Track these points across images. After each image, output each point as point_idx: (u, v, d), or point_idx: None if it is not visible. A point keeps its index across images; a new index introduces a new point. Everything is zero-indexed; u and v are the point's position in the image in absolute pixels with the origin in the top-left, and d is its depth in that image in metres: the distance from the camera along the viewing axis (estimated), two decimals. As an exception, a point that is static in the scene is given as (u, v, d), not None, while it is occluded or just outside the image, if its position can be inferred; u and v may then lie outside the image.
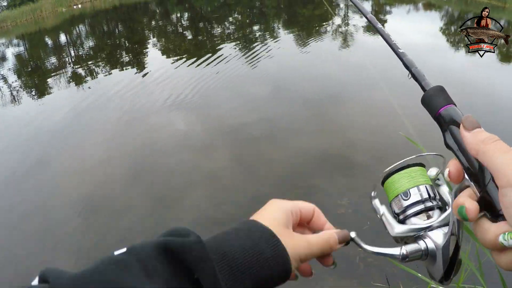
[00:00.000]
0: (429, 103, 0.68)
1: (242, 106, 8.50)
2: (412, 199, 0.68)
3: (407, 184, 0.69)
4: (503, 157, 0.51)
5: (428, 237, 0.66)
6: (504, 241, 0.49)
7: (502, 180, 0.50)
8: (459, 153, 0.60)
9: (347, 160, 6.30)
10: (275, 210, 0.74)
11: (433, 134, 3.44)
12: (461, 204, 0.54)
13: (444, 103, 0.65)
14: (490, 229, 0.52)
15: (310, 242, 0.71)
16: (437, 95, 0.67)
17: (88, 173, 6.52)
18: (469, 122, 0.58)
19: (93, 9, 30.35)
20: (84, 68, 13.44)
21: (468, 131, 0.57)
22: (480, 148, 0.54)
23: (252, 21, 20.91)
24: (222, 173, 6.11)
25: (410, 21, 22.34)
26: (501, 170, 0.50)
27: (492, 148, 0.53)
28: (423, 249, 0.66)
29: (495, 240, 0.51)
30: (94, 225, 5.19)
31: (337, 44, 15.02)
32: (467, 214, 0.53)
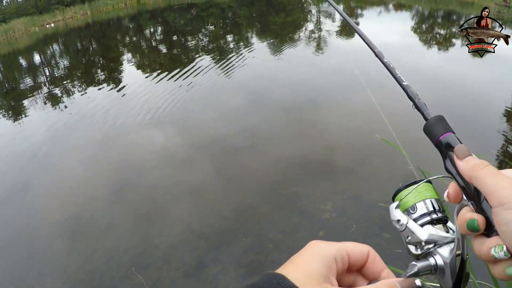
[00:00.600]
0: (430, 131, 0.72)
1: (220, 117, 8.50)
2: (418, 212, 0.71)
3: (413, 199, 0.72)
4: (492, 180, 0.55)
5: (438, 254, 0.69)
6: (495, 253, 0.54)
7: (493, 200, 0.54)
8: (457, 176, 0.64)
9: (328, 165, 6.32)
10: (313, 259, 0.58)
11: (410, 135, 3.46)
12: (470, 218, 0.57)
13: (443, 131, 0.70)
14: (485, 243, 0.56)
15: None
16: (437, 124, 0.72)
17: (69, 194, 6.41)
18: (461, 151, 0.62)
19: (66, 27, 30.17)
20: (60, 87, 13.32)
21: (460, 160, 0.62)
22: (472, 174, 0.59)
23: (225, 32, 20.97)
24: (204, 185, 6.08)
25: (381, 22, 22.59)
26: (492, 191, 0.54)
27: (483, 173, 0.57)
28: (433, 265, 0.69)
29: (488, 253, 0.55)
30: (79, 246, 5.11)
31: (311, 49, 15.11)
32: (480, 225, 0.56)
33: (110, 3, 36.21)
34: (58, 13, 33.57)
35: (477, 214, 0.58)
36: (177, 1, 35.46)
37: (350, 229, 4.70)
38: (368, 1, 31.70)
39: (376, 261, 0.64)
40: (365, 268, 0.63)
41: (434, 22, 23.65)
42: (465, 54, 14.75)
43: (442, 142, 0.69)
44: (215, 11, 29.78)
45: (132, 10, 34.52)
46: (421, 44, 16.71)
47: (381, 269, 0.64)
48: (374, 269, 0.63)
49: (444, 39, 17.99)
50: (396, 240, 4.76)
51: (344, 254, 0.60)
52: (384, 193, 5.49)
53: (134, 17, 31.24)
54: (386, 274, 0.63)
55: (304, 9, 28.72)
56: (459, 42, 17.31)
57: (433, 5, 29.97)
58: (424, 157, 0.77)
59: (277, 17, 24.73)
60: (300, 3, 32.29)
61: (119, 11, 34.70)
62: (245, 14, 26.95)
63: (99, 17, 32.68)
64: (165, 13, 31.00)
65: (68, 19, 33.30)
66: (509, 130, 7.20)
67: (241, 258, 4.44)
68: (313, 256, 0.58)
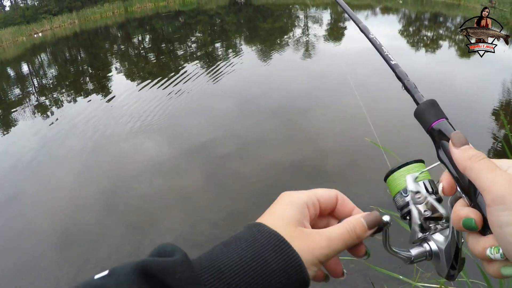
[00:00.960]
0: (421, 117, 0.69)
1: (210, 123, 8.49)
2: None
3: (405, 182, 0.69)
4: (488, 176, 0.52)
5: (432, 240, 0.68)
6: (491, 254, 0.53)
7: (487, 198, 0.52)
8: (450, 166, 0.62)
9: (319, 169, 6.32)
10: (286, 206, 0.64)
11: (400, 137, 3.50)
12: (467, 216, 0.55)
13: (436, 117, 0.66)
14: (480, 242, 0.55)
15: (330, 237, 0.61)
16: (429, 109, 0.68)
17: (59, 204, 6.35)
18: (457, 138, 0.59)
19: (54, 36, 30.06)
20: (49, 97, 13.25)
21: (456, 148, 0.59)
22: (467, 165, 0.56)
23: (213, 39, 20.97)
24: (195, 193, 6.06)
25: (369, 25, 22.63)
26: (487, 188, 0.52)
27: (478, 166, 0.54)
28: (428, 250, 0.68)
29: (484, 252, 0.54)
30: (71, 258, 5.05)
31: (299, 54, 15.16)
32: (477, 225, 0.55)
33: (98, 11, 36.18)
34: (45, 22, 33.49)
35: (473, 211, 0.56)
36: (165, 9, 35.50)
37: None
38: (355, 5, 31.86)
39: (345, 203, 0.69)
40: (336, 210, 0.69)
41: (421, 25, 23.81)
42: (452, 55, 14.89)
43: (435, 129, 0.66)
44: (203, 18, 29.82)
45: (120, 18, 34.49)
46: (408, 46, 16.81)
47: (351, 209, 0.69)
48: (344, 210, 0.69)
49: (431, 41, 18.09)
50: (390, 241, 4.75)
51: (315, 200, 0.66)
52: (375, 195, 5.50)
53: (122, 26, 31.18)
54: (355, 212, 0.68)
55: (292, 15, 28.82)
56: (446, 44, 17.45)
57: (420, 7, 30.18)
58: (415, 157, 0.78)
59: (265, 23, 24.80)
60: (287, 8, 32.40)
61: (107, 19, 34.66)
62: (233, 20, 27.01)
63: (87, 25, 32.60)
64: (153, 21, 30.99)
65: (56, 28, 33.19)
66: (497, 129, 7.26)
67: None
68: (286, 205, 0.64)
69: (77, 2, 37.18)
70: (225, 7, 34.77)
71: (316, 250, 0.59)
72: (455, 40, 18.52)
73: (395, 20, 25.56)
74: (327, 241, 0.60)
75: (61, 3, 37.01)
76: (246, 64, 13.51)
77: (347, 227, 0.62)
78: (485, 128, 7.21)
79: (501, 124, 7.37)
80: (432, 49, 16.33)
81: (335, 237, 0.61)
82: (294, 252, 0.57)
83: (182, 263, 0.52)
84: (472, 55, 15.12)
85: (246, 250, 0.57)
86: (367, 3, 32.66)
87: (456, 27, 22.48)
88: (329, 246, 0.60)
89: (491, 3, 23.77)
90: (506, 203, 0.49)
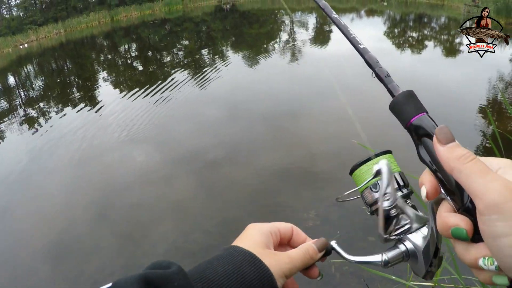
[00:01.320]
0: (398, 111, 0.62)
1: (198, 130, 8.47)
2: (383, 190, 0.64)
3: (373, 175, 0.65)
4: (480, 180, 0.47)
5: (408, 240, 0.66)
6: (484, 265, 0.48)
7: (480, 205, 0.46)
8: (433, 167, 0.56)
9: (309, 173, 6.33)
10: (254, 233, 0.76)
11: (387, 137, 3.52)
12: (456, 225, 0.50)
13: (416, 111, 0.60)
14: (470, 251, 0.50)
15: (291, 256, 0.72)
16: (407, 102, 0.61)
17: (50, 217, 6.28)
18: (443, 134, 0.53)
19: (40, 47, 29.87)
20: (36, 109, 13.16)
21: (442, 145, 0.52)
22: (456, 166, 0.50)
23: (200, 46, 20.98)
24: (187, 201, 6.04)
25: (355, 28, 22.77)
26: (479, 194, 0.46)
27: (469, 168, 0.49)
28: (404, 251, 0.66)
29: (475, 262, 0.49)
30: (64, 271, 4.99)
31: (286, 59, 15.21)
32: (469, 235, 0.50)
33: (84, 21, 36.05)
34: (31, 33, 33.30)
35: (463, 219, 0.51)
36: (151, 17, 35.45)
37: (335, 235, 4.71)
38: (340, 8, 32.00)
39: (299, 234, 0.83)
40: (292, 240, 0.82)
41: (406, 26, 23.95)
42: (438, 54, 14.99)
43: (415, 125, 0.59)
44: (189, 25, 29.83)
45: (106, 27, 34.40)
46: (394, 47, 16.91)
47: (304, 239, 0.82)
48: (299, 240, 0.82)
49: (416, 41, 18.22)
50: (381, 243, 4.79)
51: (276, 230, 0.79)
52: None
53: (108, 35, 31.10)
54: (307, 241, 0.81)
55: (277, 20, 28.89)
56: (431, 44, 17.57)
57: (404, 9, 30.39)
58: (404, 158, 0.78)
59: (251, 29, 24.85)
60: (273, 14, 32.50)
61: (92, 29, 34.54)
62: (219, 27, 27.02)
63: (72, 35, 32.45)
64: (139, 29, 30.93)
65: (41, 39, 33.00)
66: (485, 127, 7.32)
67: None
68: (254, 232, 0.76)
69: (63, 12, 37.07)
70: (211, 14, 34.82)
71: (282, 265, 0.70)
72: (440, 40, 18.67)
73: (380, 22, 25.72)
74: (289, 259, 0.72)
75: (47, 13, 36.89)
76: (233, 70, 13.54)
77: (302, 250, 0.75)
78: (471, 125, 7.27)
79: (489, 122, 7.44)
80: (417, 49, 16.46)
81: (294, 257, 0.73)
82: (265, 267, 0.68)
83: (179, 273, 0.61)
84: (458, 53, 15.27)
85: (227, 264, 0.67)
86: (352, 6, 32.85)
87: (440, 27, 22.66)
88: (291, 262, 0.71)
89: (474, 3, 23.98)
90: (501, 212, 0.44)
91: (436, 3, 29.90)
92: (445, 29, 21.84)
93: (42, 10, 37.38)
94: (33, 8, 37.85)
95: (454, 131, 0.54)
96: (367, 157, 0.69)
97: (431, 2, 30.46)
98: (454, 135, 0.53)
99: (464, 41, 16.65)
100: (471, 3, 24.49)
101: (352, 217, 5.09)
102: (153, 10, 39.13)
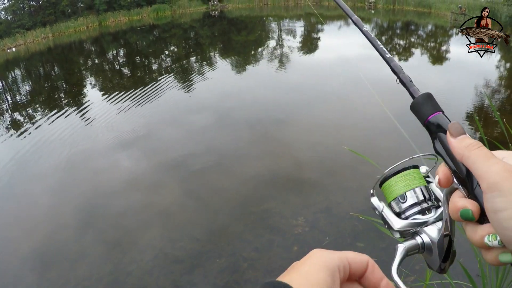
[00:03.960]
0: (418, 110, 0.70)
1: (186, 138, 8.47)
2: (409, 202, 0.70)
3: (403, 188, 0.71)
4: (484, 164, 0.54)
5: (424, 233, 0.69)
6: (489, 242, 0.54)
7: (483, 185, 0.53)
8: (447, 158, 0.63)
9: (296, 179, 6.34)
10: (318, 268, 0.58)
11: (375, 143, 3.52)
12: (464, 207, 0.56)
13: (432, 110, 0.68)
14: (477, 230, 0.55)
15: None
16: (425, 102, 0.69)
17: (36, 223, 6.20)
18: (454, 128, 0.60)
19: (27, 51, 29.59)
20: (23, 114, 13.05)
21: (453, 137, 0.60)
22: (464, 153, 0.57)
23: (188, 52, 20.97)
24: (174, 208, 6.01)
25: (343, 35, 22.93)
26: (483, 176, 0.53)
27: (475, 154, 0.56)
28: (420, 243, 0.69)
29: (481, 240, 0.55)
30: (51, 279, 4.93)
31: (274, 66, 15.25)
32: (474, 215, 0.56)
33: (72, 26, 35.82)
34: (19, 37, 33.02)
35: (470, 202, 0.57)
36: (139, 23, 35.34)
37: (323, 241, 4.72)
38: (328, 16, 32.15)
39: (375, 271, 0.64)
40: (364, 278, 0.64)
41: (394, 33, 24.12)
42: (425, 62, 15.13)
43: (432, 122, 0.67)
44: (178, 31, 29.81)
45: (94, 32, 34.22)
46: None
47: (380, 279, 0.64)
48: (373, 279, 0.64)
49: (403, 49, 18.36)
50: (370, 248, 4.81)
51: (346, 264, 0.61)
52: (354, 202, 5.54)
53: (96, 40, 30.96)
54: (385, 284, 0.64)
55: (265, 27, 28.96)
56: (418, 51, 17.71)
57: (392, 16, 30.61)
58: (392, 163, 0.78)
59: (239, 36, 24.88)
60: (261, 20, 32.58)
61: (81, 34, 34.34)
62: (207, 33, 27.03)
63: (61, 40, 32.21)
64: (127, 35, 30.85)
65: (29, 43, 32.71)
66: (473, 132, 7.38)
67: (216, 279, 4.39)
68: (317, 266, 0.58)
69: (51, 17, 36.82)
70: (199, 21, 34.81)
71: None
72: (427, 47, 18.82)
73: (368, 29, 25.86)
74: None
75: (35, 17, 36.65)
76: (221, 77, 13.59)
77: None
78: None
79: (476, 127, 7.51)
80: (404, 57, 16.58)
81: None
82: None
83: None
84: (445, 61, 15.41)
85: None
86: (340, 13, 32.97)
87: (427, 34, 22.84)
88: None
89: (461, 10, 24.24)
90: (500, 189, 0.51)
91: (423, 11, 30.18)
92: (432, 37, 22.03)
93: (30, 14, 37.10)
94: (21, 12, 37.57)
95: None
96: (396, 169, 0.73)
97: (418, 10, 30.73)
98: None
99: (451, 49, 16.86)
100: (458, 11, 24.74)
101: (340, 223, 5.10)
102: (141, 16, 38.99)
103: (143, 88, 12.80)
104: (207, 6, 40.65)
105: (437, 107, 0.68)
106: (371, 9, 33.44)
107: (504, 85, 11.65)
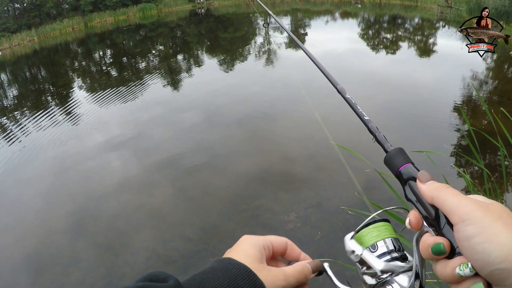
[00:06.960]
0: (390, 163, 0.76)
1: (176, 137, 8.45)
2: (379, 251, 0.74)
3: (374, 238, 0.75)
4: (454, 199, 0.59)
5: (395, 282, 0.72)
6: (460, 271, 0.56)
7: (455, 218, 0.58)
8: (417, 204, 0.68)
9: (287, 175, 6.35)
10: (248, 247, 0.76)
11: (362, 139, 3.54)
12: (435, 242, 0.61)
13: (403, 162, 0.74)
14: (448, 264, 0.59)
15: (286, 274, 0.74)
16: (396, 156, 0.76)
17: (28, 229, 6.13)
18: (423, 176, 0.67)
19: (13, 55, 29.34)
20: (10, 118, 12.95)
21: (423, 183, 0.66)
22: (434, 195, 0.63)
23: (175, 51, 20.92)
24: (166, 209, 5.99)
25: (330, 30, 22.98)
26: (453, 209, 0.58)
27: (445, 193, 0.61)
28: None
29: (453, 272, 0.58)
30: (45, 284, 4.89)
31: (261, 63, 15.26)
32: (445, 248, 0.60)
33: (57, 28, 35.60)
34: (4, 40, 32.77)
35: (440, 237, 0.61)
36: (125, 23, 35.19)
37: (315, 236, 4.73)
38: (315, 11, 32.21)
39: (294, 249, 0.82)
40: (287, 255, 0.82)
41: (380, 27, 24.19)
42: (412, 55, 15.20)
43: (402, 173, 0.73)
44: (164, 30, 29.70)
45: (80, 34, 34.02)
46: (368, 48, 17.09)
47: (298, 254, 0.82)
48: (293, 255, 0.82)
49: (391, 42, 18.42)
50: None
51: (269, 244, 0.79)
52: (344, 196, 5.56)
53: (83, 41, 30.76)
54: (303, 257, 0.82)
55: (252, 24, 28.95)
56: (405, 44, 17.78)
57: (378, 10, 30.70)
58: (379, 159, 0.79)
59: (226, 33, 24.85)
60: (247, 17, 32.55)
61: (66, 35, 34.12)
62: (194, 32, 26.96)
63: (46, 43, 31.99)
64: (113, 35, 30.71)
65: (15, 47, 32.46)
66: (461, 124, 7.42)
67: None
68: (248, 245, 0.76)
69: (36, 19, 36.57)
70: (185, 19, 34.72)
71: (277, 282, 0.71)
72: (414, 40, 18.89)
73: (354, 24, 25.95)
74: (284, 276, 0.73)
75: (20, 20, 36.38)
76: (209, 75, 13.59)
77: (298, 269, 0.76)
78: (447, 124, 7.36)
79: (464, 120, 7.56)
80: (392, 50, 16.66)
81: (289, 274, 0.74)
82: (260, 281, 0.69)
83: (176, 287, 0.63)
84: (432, 53, 15.48)
85: (222, 278, 0.67)
86: (326, 8, 33.07)
87: (414, 28, 22.93)
88: (286, 280, 0.73)
89: (447, 3, 24.33)
90: (471, 218, 0.56)
91: (410, 4, 30.29)
92: (419, 30, 22.11)
93: (15, 17, 36.84)
94: (6, 15, 37.27)
95: (431, 131, 0.60)
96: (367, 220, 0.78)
97: (404, 4, 30.84)
98: (431, 135, 0.63)
99: (438, 41, 16.94)
100: (444, 4, 24.85)
101: (331, 218, 5.12)
102: (127, 15, 38.84)
103: (131, 88, 12.76)
104: (193, 4, 40.61)
105: (407, 159, 0.75)
106: (357, 4, 33.51)
107: (491, 76, 11.73)
